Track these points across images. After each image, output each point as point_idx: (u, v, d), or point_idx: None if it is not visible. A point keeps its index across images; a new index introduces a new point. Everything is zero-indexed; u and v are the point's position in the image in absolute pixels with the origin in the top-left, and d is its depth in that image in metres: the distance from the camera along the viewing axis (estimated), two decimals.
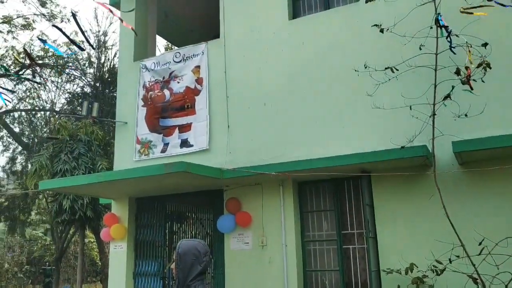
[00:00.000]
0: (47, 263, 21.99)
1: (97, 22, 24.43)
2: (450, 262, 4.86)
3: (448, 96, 4.82)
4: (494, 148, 5.16)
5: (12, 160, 20.89)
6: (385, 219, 6.06)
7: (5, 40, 20.26)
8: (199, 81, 7.84)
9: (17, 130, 20.22)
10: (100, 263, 18.58)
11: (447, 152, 5.64)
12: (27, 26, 17.38)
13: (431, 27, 5.07)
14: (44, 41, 6.17)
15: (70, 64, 18.39)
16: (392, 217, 6.02)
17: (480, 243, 4.68)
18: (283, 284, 6.46)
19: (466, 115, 5.02)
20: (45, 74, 18.09)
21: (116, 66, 16.71)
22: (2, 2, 16.75)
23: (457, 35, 4.93)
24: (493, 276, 4.73)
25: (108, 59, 18.45)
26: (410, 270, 5.37)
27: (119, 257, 8.00)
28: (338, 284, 6.43)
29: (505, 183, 5.49)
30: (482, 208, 5.55)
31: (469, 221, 5.44)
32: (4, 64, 15.73)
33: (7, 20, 17.00)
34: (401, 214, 5.98)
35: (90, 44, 7.78)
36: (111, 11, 6.34)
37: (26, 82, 18.65)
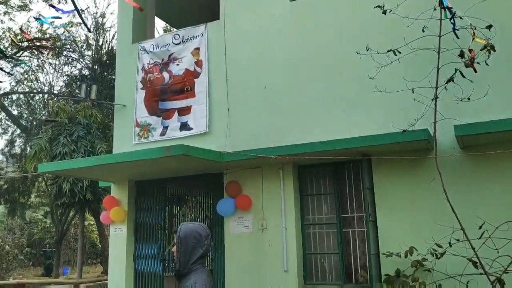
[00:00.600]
0: (48, 246, 22.16)
1: (95, 3, 24.14)
2: (450, 245, 4.87)
3: (451, 79, 4.75)
4: (496, 132, 5.12)
5: (11, 142, 20.87)
6: (385, 202, 6.06)
7: (2, 22, 19.98)
8: (198, 63, 7.75)
9: (15, 112, 20.15)
10: (100, 246, 18.72)
11: (448, 136, 5.61)
12: (23, 7, 17.16)
13: (435, 9, 4.98)
14: (40, 19, 6.08)
15: (68, 46, 18.22)
16: (392, 201, 6.02)
17: (480, 227, 4.67)
18: (283, 267, 6.49)
19: (468, 99, 4.95)
20: (43, 56, 17.92)
21: (115, 48, 16.55)
22: None
23: (461, 17, 4.85)
24: (493, 260, 4.74)
25: (106, 41, 18.29)
26: (409, 253, 5.39)
27: (119, 239, 8.03)
28: (338, 267, 6.46)
29: (507, 167, 5.47)
30: (483, 192, 5.55)
31: (470, 205, 5.44)
32: (1, 46, 15.54)
33: (4, 1, 16.76)
34: (402, 197, 5.97)
35: (86, 27, 7.68)
36: None
37: (24, 65, 18.49)
